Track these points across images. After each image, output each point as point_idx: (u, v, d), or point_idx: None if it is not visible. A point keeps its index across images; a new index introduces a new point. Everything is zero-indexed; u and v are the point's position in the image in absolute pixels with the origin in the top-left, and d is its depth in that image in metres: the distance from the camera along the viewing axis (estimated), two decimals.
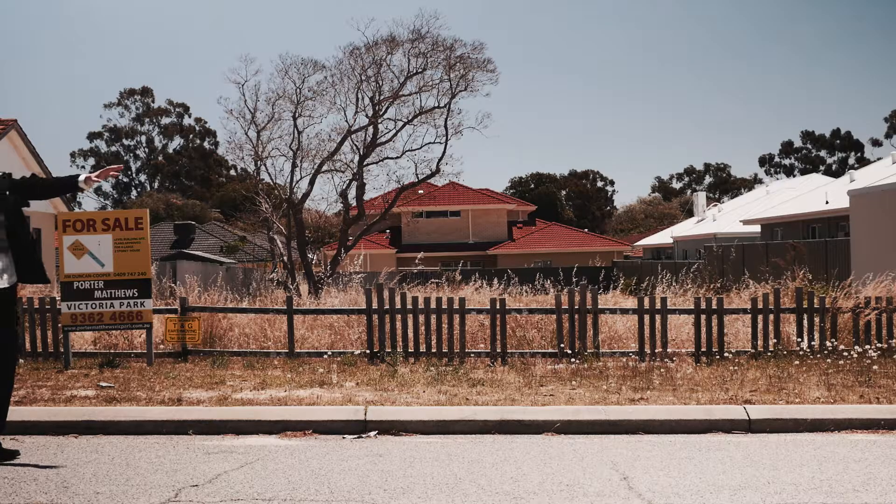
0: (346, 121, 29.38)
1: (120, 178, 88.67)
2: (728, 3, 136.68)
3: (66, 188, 7.14)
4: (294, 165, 28.95)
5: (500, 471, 6.16)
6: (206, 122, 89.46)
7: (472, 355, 11.92)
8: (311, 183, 29.07)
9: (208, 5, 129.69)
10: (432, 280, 23.67)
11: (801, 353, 11.37)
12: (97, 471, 6.19)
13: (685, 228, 55.66)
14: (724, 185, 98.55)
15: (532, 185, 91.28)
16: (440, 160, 29.64)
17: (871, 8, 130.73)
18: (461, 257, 51.05)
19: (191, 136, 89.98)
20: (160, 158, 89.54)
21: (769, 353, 11.49)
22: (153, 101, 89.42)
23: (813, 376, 9.92)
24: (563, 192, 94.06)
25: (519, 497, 5.48)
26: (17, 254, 6.56)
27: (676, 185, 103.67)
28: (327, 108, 29.47)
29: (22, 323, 6.49)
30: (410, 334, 11.92)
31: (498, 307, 11.97)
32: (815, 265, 23.86)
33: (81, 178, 6.78)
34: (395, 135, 29.68)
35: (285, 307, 12.64)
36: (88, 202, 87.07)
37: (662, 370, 10.44)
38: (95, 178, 6.77)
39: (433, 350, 11.85)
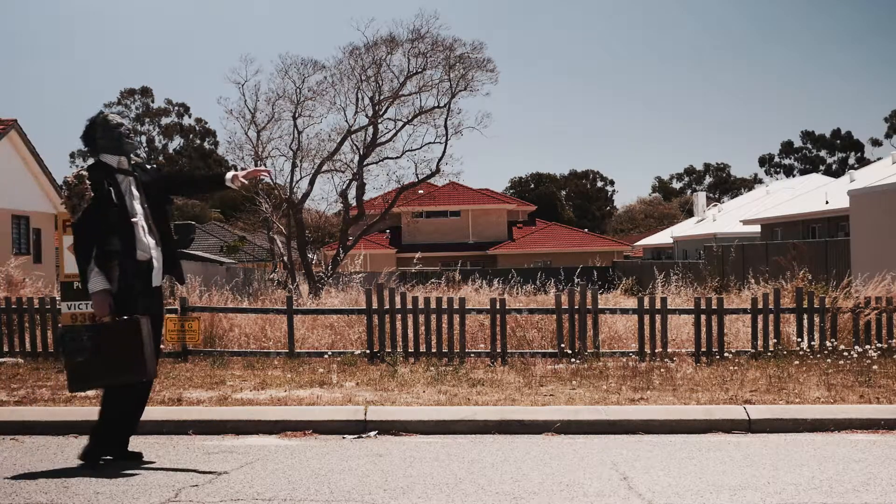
0: (346, 121, 29.41)
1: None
2: (728, 3, 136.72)
3: (212, 185, 6.94)
4: (294, 165, 28.96)
5: (500, 471, 6.16)
6: (206, 122, 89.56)
7: (472, 355, 11.91)
8: (311, 183, 29.08)
9: (208, 5, 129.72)
10: (432, 280, 23.64)
11: (801, 353, 11.37)
12: (97, 471, 6.18)
13: (685, 228, 55.66)
14: (724, 185, 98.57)
15: (532, 185, 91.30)
16: (440, 160, 29.66)
17: (871, 8, 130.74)
18: (461, 257, 51.07)
19: (191, 135, 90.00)
20: (160, 158, 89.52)
21: (769, 353, 11.49)
22: (153, 101, 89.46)
23: (813, 376, 9.92)
24: (563, 192, 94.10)
25: (519, 497, 5.48)
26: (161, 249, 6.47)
27: (676, 185, 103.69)
28: (327, 108, 29.49)
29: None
30: (410, 334, 11.91)
31: (498, 307, 11.97)
32: (815, 265, 23.84)
33: (229, 175, 6.62)
34: (395, 135, 29.70)
35: (285, 307, 12.64)
36: None
37: (662, 370, 10.44)
38: (243, 178, 6.62)
39: (433, 350, 11.85)
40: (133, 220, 6.29)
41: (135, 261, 6.26)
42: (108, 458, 6.42)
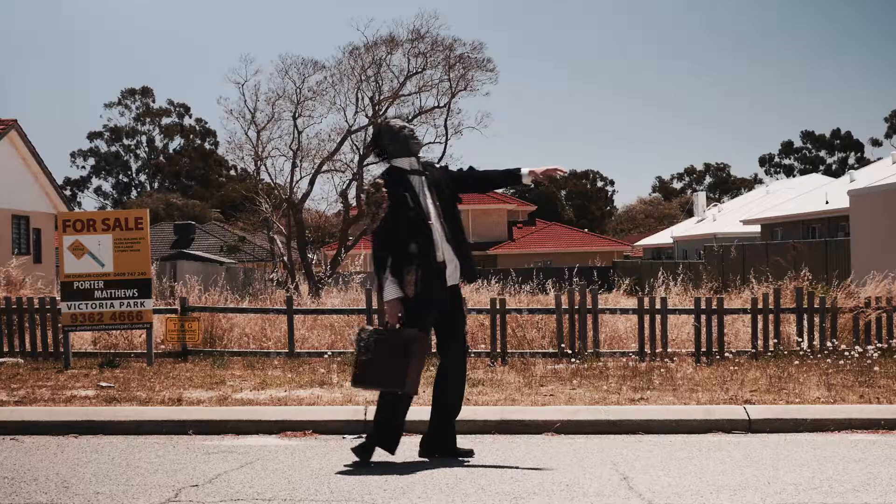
0: (346, 121, 29.40)
1: (120, 178, 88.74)
2: (728, 3, 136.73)
3: (506, 181, 6.84)
4: (294, 165, 28.96)
5: (500, 471, 6.16)
6: (206, 122, 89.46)
7: (472, 355, 11.90)
8: (311, 183, 29.09)
9: (208, 5, 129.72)
10: None
11: (801, 353, 11.37)
12: (97, 471, 6.19)
13: (685, 228, 55.65)
14: (724, 185, 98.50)
15: (532, 185, 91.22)
16: (440, 160, 29.62)
17: (871, 8, 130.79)
18: None
19: (191, 136, 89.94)
20: (160, 158, 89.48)
21: (769, 353, 11.49)
22: (153, 101, 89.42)
23: (813, 376, 9.92)
24: (563, 192, 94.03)
25: (519, 497, 5.48)
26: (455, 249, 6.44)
27: (676, 185, 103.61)
28: (327, 108, 29.49)
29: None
30: None
31: (498, 307, 11.97)
32: (816, 265, 23.85)
33: (525, 170, 6.56)
34: None
35: (285, 307, 12.64)
36: (88, 202, 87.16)
37: (662, 370, 10.44)
38: (541, 174, 6.57)
39: (433, 350, 11.82)
40: (430, 222, 6.30)
41: (432, 265, 6.27)
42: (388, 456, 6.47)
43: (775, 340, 11.68)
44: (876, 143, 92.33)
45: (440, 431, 6.51)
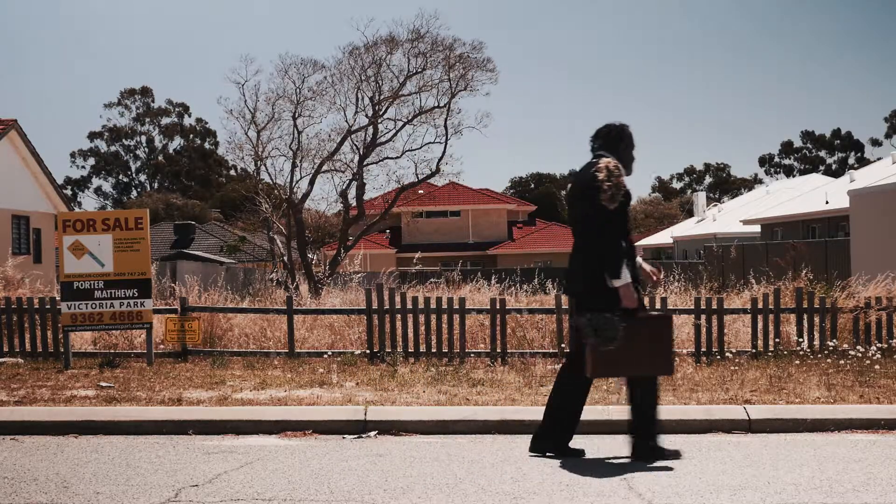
0: (346, 121, 29.33)
1: (120, 178, 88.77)
2: (728, 3, 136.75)
3: None
4: (294, 165, 28.91)
5: (500, 471, 6.16)
6: (206, 122, 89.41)
7: (472, 355, 11.91)
8: (311, 183, 29.03)
9: (208, 5, 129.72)
10: (432, 280, 23.60)
11: (801, 353, 11.37)
12: (97, 471, 6.19)
13: (685, 228, 55.64)
14: (724, 185, 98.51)
15: (532, 185, 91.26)
16: (440, 160, 29.58)
17: (871, 8, 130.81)
18: (461, 257, 51.02)
19: (191, 136, 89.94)
20: (160, 158, 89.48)
21: (769, 353, 11.49)
22: (153, 101, 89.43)
23: (813, 376, 9.92)
24: (563, 192, 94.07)
25: (519, 497, 5.48)
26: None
27: (676, 185, 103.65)
28: (327, 108, 29.41)
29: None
30: (410, 334, 11.91)
31: (498, 307, 11.97)
32: (816, 265, 23.82)
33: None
34: (395, 135, 29.63)
35: (285, 307, 12.64)
36: (88, 202, 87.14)
37: None
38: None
39: (433, 350, 11.85)
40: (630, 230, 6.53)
41: (634, 265, 6.50)
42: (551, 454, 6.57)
43: (775, 340, 11.68)
44: (876, 143, 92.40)
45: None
